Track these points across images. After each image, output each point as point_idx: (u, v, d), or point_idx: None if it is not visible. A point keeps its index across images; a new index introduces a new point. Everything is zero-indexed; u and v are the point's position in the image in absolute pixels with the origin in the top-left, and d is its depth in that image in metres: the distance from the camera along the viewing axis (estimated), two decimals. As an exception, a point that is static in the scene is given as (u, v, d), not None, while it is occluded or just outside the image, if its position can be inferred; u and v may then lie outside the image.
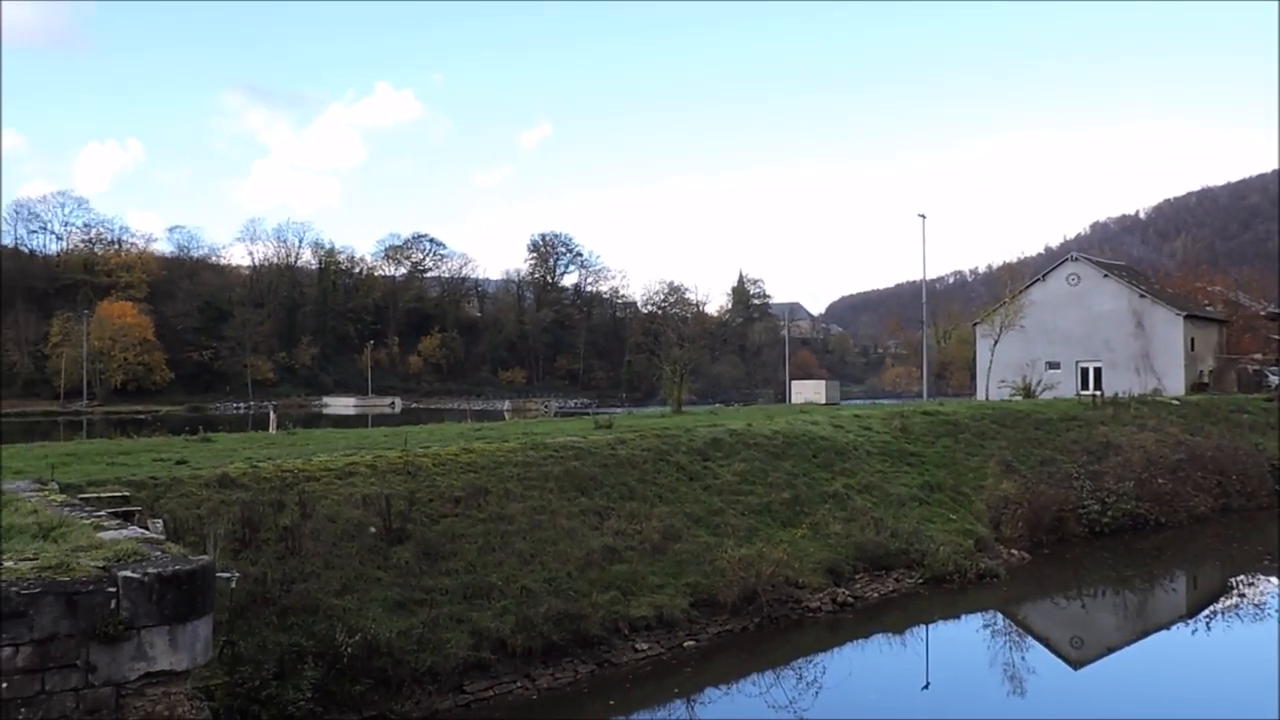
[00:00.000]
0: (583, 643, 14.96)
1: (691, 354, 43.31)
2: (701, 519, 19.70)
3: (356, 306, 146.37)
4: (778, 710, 13.85)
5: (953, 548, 21.78)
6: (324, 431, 29.95)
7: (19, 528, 8.92)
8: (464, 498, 17.42)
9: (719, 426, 25.87)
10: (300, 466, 17.18)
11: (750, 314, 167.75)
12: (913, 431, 29.37)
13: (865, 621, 18.26)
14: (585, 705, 13.69)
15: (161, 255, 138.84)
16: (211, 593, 7.84)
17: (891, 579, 20.37)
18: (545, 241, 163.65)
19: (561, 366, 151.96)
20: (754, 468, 22.83)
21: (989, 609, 20.24)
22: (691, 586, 17.21)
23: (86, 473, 15.55)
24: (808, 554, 19.58)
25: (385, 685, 12.64)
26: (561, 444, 21.13)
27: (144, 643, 7.30)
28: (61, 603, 6.93)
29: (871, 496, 23.43)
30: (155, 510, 13.91)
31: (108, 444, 23.38)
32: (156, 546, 8.41)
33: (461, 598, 14.66)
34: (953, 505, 24.90)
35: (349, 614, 13.27)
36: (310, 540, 14.70)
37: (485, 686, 13.60)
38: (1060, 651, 18.02)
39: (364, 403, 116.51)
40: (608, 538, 17.58)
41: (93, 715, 7.03)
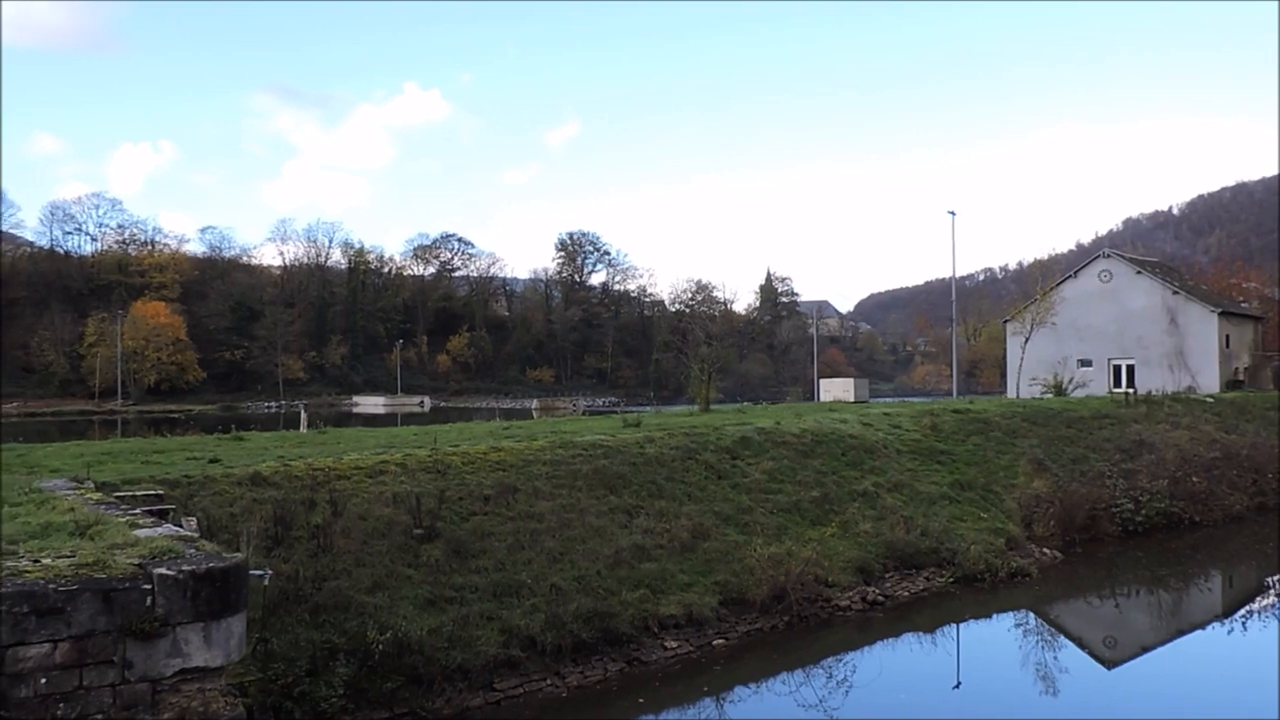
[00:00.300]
0: (612, 641, 14.98)
1: (719, 352, 43.25)
2: (730, 517, 19.67)
3: (386, 306, 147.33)
4: (808, 709, 13.81)
5: (984, 546, 21.62)
6: (354, 430, 30.15)
7: (56, 525, 9.03)
8: (493, 496, 17.49)
9: (747, 425, 25.81)
10: (331, 465, 17.30)
11: (778, 312, 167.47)
12: (943, 429, 29.19)
13: (896, 620, 18.16)
14: (615, 703, 13.70)
15: (194, 256, 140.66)
16: (245, 590, 7.90)
17: (922, 578, 20.25)
18: (573, 240, 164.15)
19: (589, 365, 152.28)
20: (783, 466, 22.76)
21: (1021, 608, 20.07)
22: (720, 585, 17.18)
23: (121, 471, 15.73)
24: (837, 552, 19.50)
25: (416, 682, 12.71)
26: (590, 442, 21.15)
27: (179, 639, 7.37)
28: (99, 599, 7.01)
29: (901, 495, 23.30)
30: (189, 508, 14.05)
31: (142, 443, 23.67)
32: (191, 544, 8.49)
33: (491, 595, 14.72)
34: (983, 504, 24.72)
35: (380, 611, 13.35)
36: (341, 538, 14.80)
37: (515, 684, 13.64)
38: (1094, 651, 17.84)
39: (393, 402, 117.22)
40: (637, 536, 17.59)
41: (129, 711, 7.11)
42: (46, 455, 18.62)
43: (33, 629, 6.72)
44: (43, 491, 11.82)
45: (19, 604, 6.68)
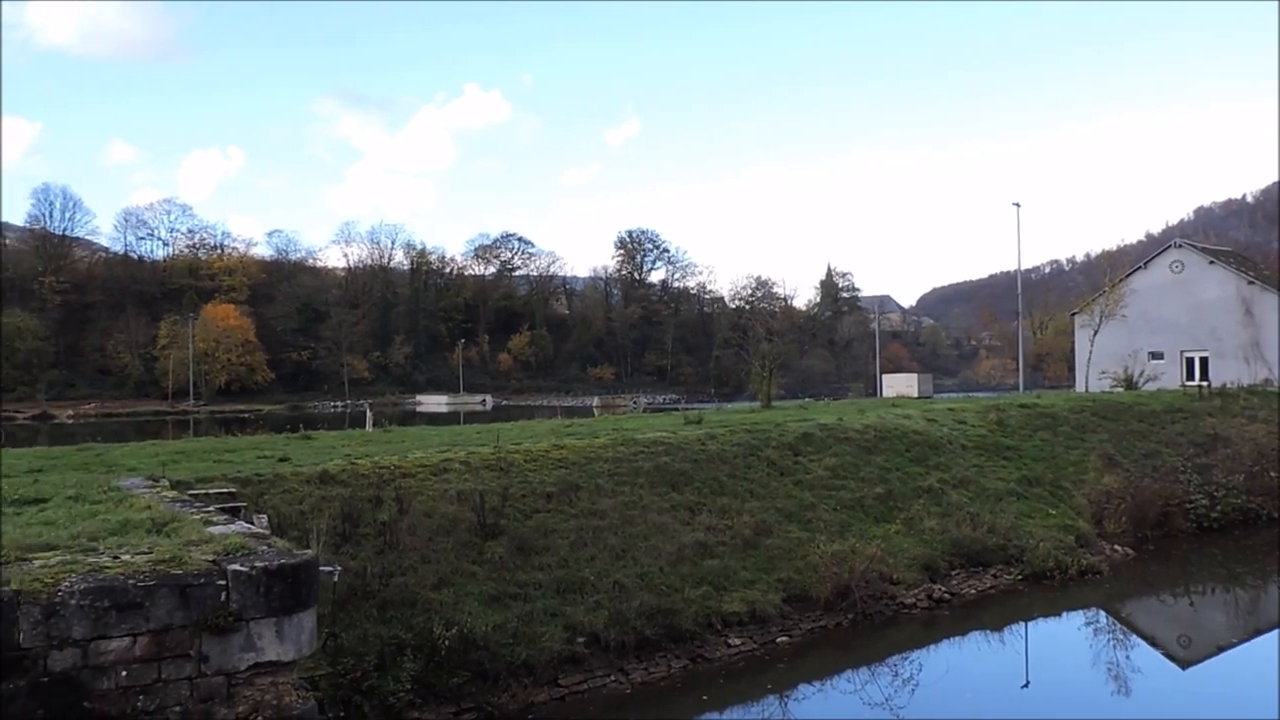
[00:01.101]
0: (675, 637, 14.99)
1: (780, 348, 43.09)
2: (793, 514, 19.57)
3: (448, 306, 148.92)
4: (873, 707, 13.69)
5: (1053, 543, 21.24)
6: (418, 429, 30.53)
7: (134, 522, 9.28)
8: (556, 493, 17.60)
9: (809, 421, 25.65)
10: (397, 463, 17.55)
11: (839, 307, 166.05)
12: (1009, 425, 28.74)
13: (962, 618, 17.92)
14: (678, 700, 13.71)
15: (261, 259, 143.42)
16: (315, 586, 8.06)
17: (989, 575, 19.96)
18: (632, 238, 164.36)
19: (649, 363, 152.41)
20: (845, 462, 22.58)
21: (1091, 606, 19.68)
22: (784, 582, 17.11)
23: (195, 470, 16.12)
24: (902, 550, 19.30)
25: (482, 678, 12.84)
26: (651, 440, 21.19)
27: (253, 634, 7.53)
28: (175, 595, 7.20)
29: (967, 491, 22.99)
30: (260, 506, 14.36)
31: (214, 442, 24.20)
32: (263, 541, 8.67)
33: (555, 592, 14.82)
34: (1052, 500, 24.28)
35: (446, 607, 13.51)
36: (407, 535, 15.00)
37: (579, 680, 13.72)
38: (1167, 650, 17.44)
39: (456, 400, 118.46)
40: (699, 533, 17.58)
41: (206, 704, 7.29)
42: (123, 455, 19.13)
43: (113, 623, 6.92)
44: (121, 490, 12.16)
45: (100, 598, 6.88)
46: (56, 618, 6.72)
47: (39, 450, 22.81)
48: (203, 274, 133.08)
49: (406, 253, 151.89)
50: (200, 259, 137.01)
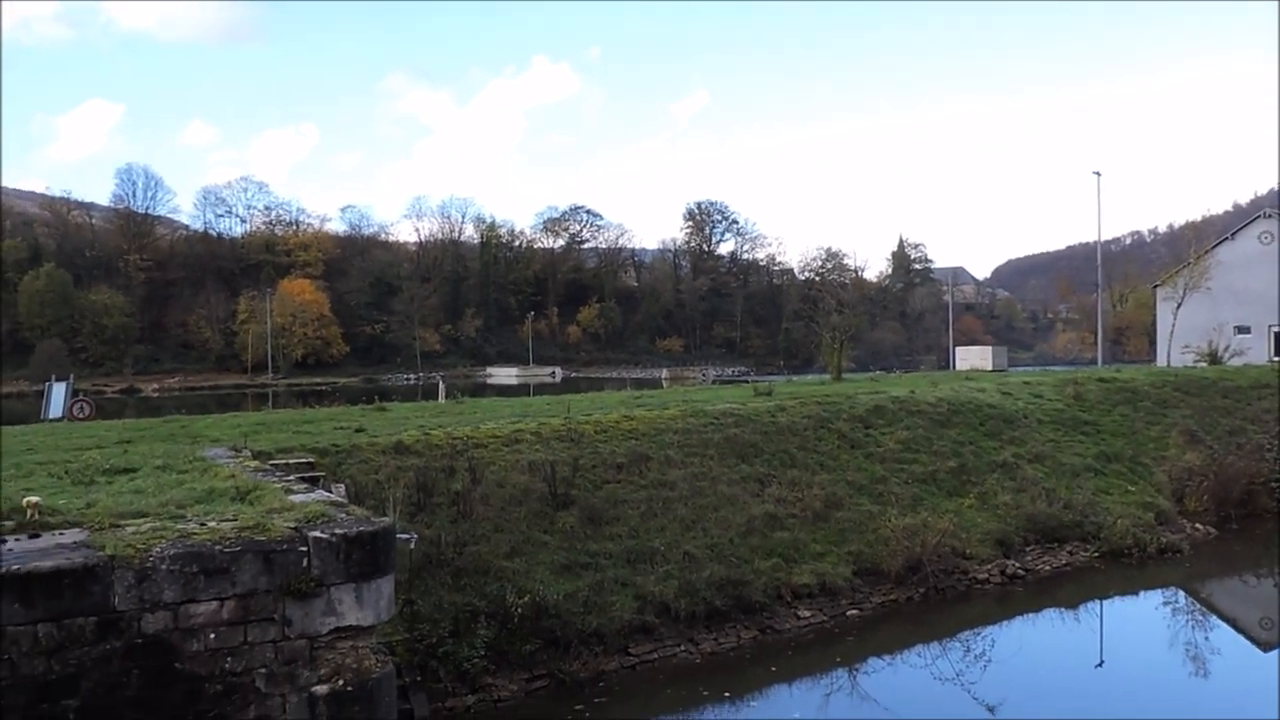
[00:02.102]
0: (745, 608, 15.05)
1: (851, 320, 42.57)
2: (864, 487, 19.44)
3: (517, 279, 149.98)
4: (944, 682, 13.61)
5: (1131, 520, 20.79)
6: (489, 400, 30.89)
7: (219, 491, 9.58)
8: (626, 464, 17.71)
9: (881, 393, 25.40)
10: (469, 434, 17.80)
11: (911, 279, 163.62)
12: (1087, 399, 28.13)
13: (1036, 595, 17.68)
14: (748, 670, 13.78)
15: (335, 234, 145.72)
16: (393, 553, 8.24)
17: (1064, 552, 19.63)
18: (701, 210, 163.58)
19: (718, 335, 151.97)
20: (918, 435, 22.34)
21: (1170, 586, 19.26)
22: (854, 555, 17.05)
23: (275, 440, 16.53)
24: (975, 524, 19.09)
25: (554, 645, 13.04)
26: (721, 411, 21.18)
27: (333, 599, 7.74)
28: (260, 560, 7.43)
29: (1043, 466, 22.60)
30: (338, 475, 14.70)
31: (292, 414, 24.78)
32: (342, 509, 8.88)
33: (625, 562, 14.96)
34: (1131, 476, 23.75)
35: (518, 576, 13.73)
36: (480, 505, 15.25)
37: (649, 649, 13.86)
38: (1248, 633, 16.99)
39: (526, 372, 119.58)
40: (769, 505, 17.58)
41: (289, 666, 7.52)
42: (206, 426, 19.69)
43: (201, 587, 7.17)
44: (205, 459, 12.54)
45: (189, 564, 7.13)
46: (148, 582, 6.98)
47: (127, 422, 23.64)
48: (279, 250, 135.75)
49: (476, 226, 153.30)
50: (276, 235, 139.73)
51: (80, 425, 22.68)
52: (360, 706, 7.74)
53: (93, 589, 6.75)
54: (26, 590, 6.53)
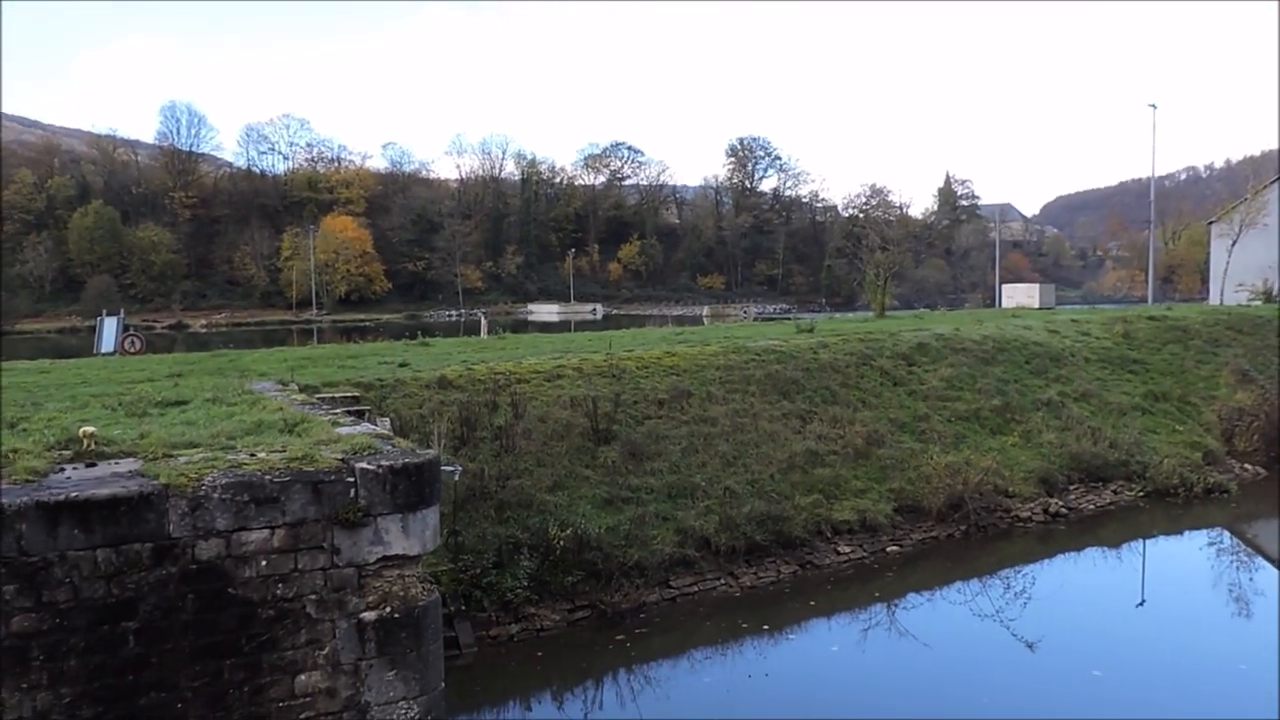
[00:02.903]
0: (785, 544, 15.15)
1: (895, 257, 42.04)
2: (906, 425, 19.37)
3: (558, 216, 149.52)
4: (983, 619, 13.65)
5: (1178, 460, 20.58)
6: (531, 336, 31.04)
7: (268, 423, 9.73)
8: (667, 400, 17.77)
9: (924, 331, 25.19)
10: (511, 369, 17.92)
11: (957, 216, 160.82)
12: (1136, 337, 27.70)
13: (1078, 533, 17.61)
14: (786, 604, 13.91)
15: (376, 171, 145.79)
16: (438, 484, 8.35)
17: (1109, 491, 19.50)
18: (743, 145, 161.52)
19: (760, 272, 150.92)
20: (961, 373, 22.16)
21: (1215, 526, 19.09)
22: (895, 492, 17.06)
23: (320, 375, 16.74)
24: (1018, 462, 18.99)
25: (595, 578, 13.23)
26: (763, 348, 21.12)
27: (380, 529, 7.88)
28: (309, 490, 7.56)
29: (1089, 405, 22.36)
30: (382, 409, 14.89)
31: (337, 349, 25.09)
32: (387, 441, 9.00)
33: (666, 497, 15.08)
34: (1179, 416, 23.43)
35: (560, 510, 13.90)
36: (522, 439, 15.39)
37: (690, 582, 14.02)
38: (1296, 573, 16.85)
39: (567, 309, 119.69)
40: (810, 441, 17.58)
41: (339, 593, 7.69)
42: (254, 361, 19.98)
43: (252, 516, 7.32)
44: (254, 393, 12.73)
45: (240, 493, 7.28)
46: (201, 510, 7.14)
47: (177, 356, 24.09)
48: (321, 187, 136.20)
49: (517, 163, 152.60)
50: (319, 172, 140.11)
51: (131, 359, 23.11)
52: (407, 633, 7.92)
53: (148, 516, 6.92)
54: (85, 517, 6.71)
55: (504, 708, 10.91)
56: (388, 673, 7.86)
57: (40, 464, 7.45)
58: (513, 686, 11.39)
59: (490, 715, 10.71)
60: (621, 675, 11.61)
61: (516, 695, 11.21)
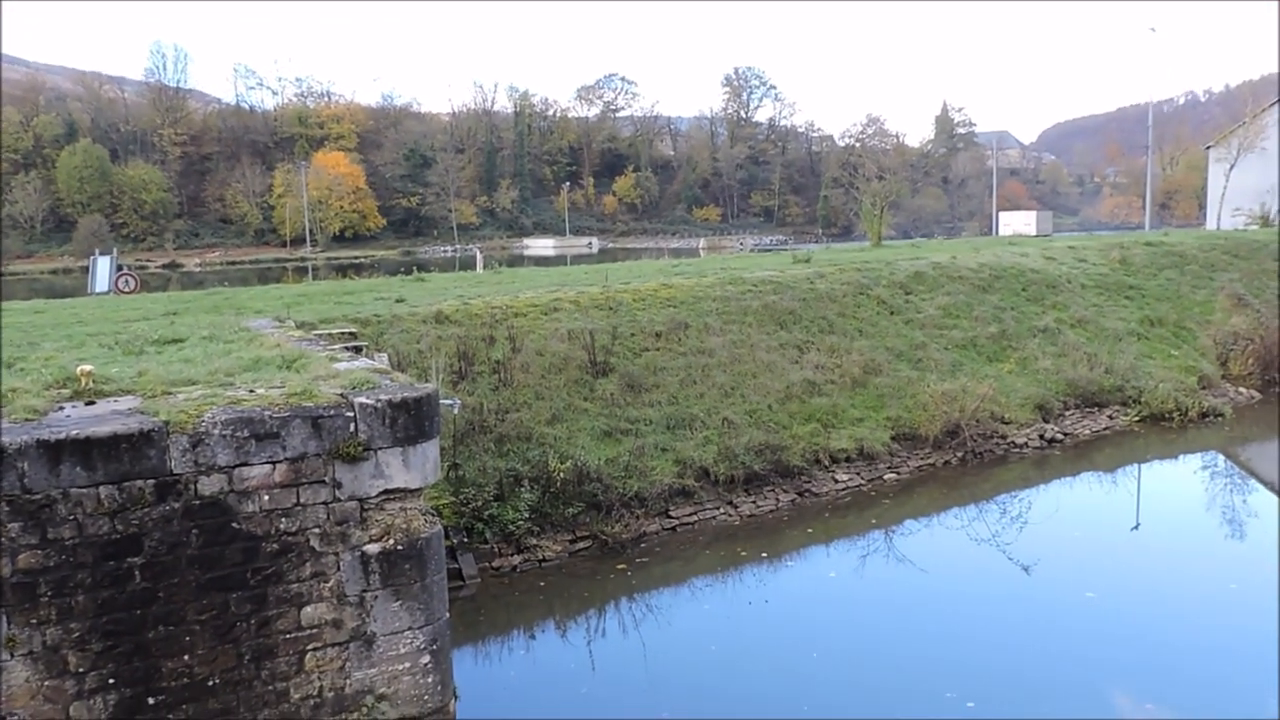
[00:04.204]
0: (783, 473, 15.27)
1: (891, 186, 41.84)
2: (903, 353, 19.41)
3: (552, 149, 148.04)
4: (979, 543, 13.82)
5: (1173, 385, 20.68)
6: (527, 270, 30.95)
7: (265, 360, 9.72)
8: (664, 332, 17.77)
9: (921, 259, 25.11)
10: (508, 303, 17.89)
11: (954, 144, 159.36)
12: (1132, 263, 27.67)
13: (1074, 459, 17.76)
14: (785, 532, 14.06)
15: (367, 107, 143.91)
16: (437, 418, 8.38)
17: (1104, 416, 19.62)
18: (738, 75, 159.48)
19: (756, 203, 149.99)
20: (958, 301, 22.16)
21: (1210, 449, 19.25)
22: (892, 420, 17.15)
23: (317, 311, 16.70)
24: (1014, 389, 19.07)
25: (595, 509, 13.35)
26: (759, 279, 21.07)
27: (381, 463, 7.92)
28: (308, 425, 7.58)
29: (1085, 331, 22.40)
30: (380, 345, 14.89)
31: (333, 285, 25.01)
32: (385, 376, 9.01)
33: (664, 428, 15.16)
34: (1175, 341, 23.50)
35: (559, 442, 13.98)
36: (520, 373, 15.43)
37: (689, 512, 14.16)
38: (1288, 494, 17.02)
39: (562, 243, 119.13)
40: (807, 371, 17.63)
41: (342, 526, 7.76)
42: (249, 298, 19.92)
43: (253, 451, 7.35)
44: (250, 330, 12.71)
45: (240, 429, 7.30)
46: (202, 446, 7.17)
47: (172, 295, 24.01)
48: (312, 122, 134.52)
49: (509, 96, 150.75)
50: (309, 108, 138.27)
51: (126, 298, 23.04)
52: (410, 564, 8.01)
53: (149, 453, 6.95)
54: (87, 454, 6.74)
55: (508, 636, 11.08)
56: (393, 603, 7.97)
57: (39, 403, 7.45)
58: (516, 616, 11.56)
59: (495, 644, 10.87)
60: (623, 604, 11.78)
61: (520, 624, 11.38)
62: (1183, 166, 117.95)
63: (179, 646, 7.11)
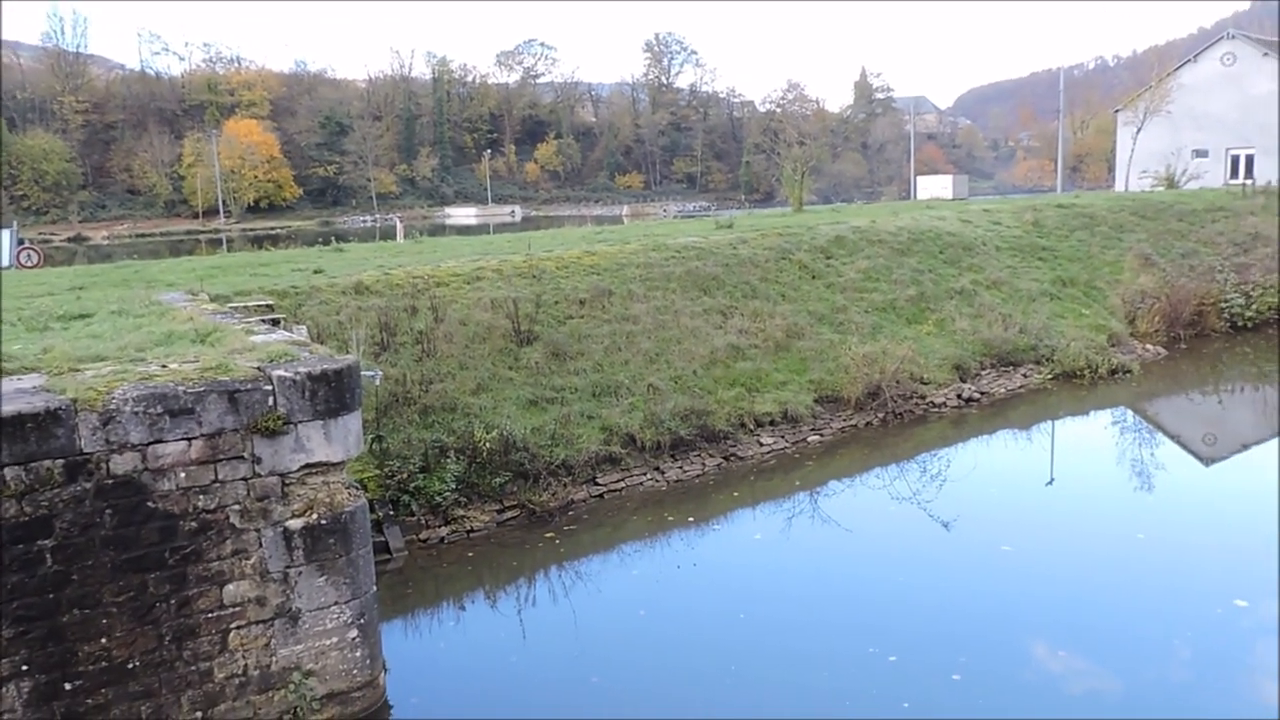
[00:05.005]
0: (709, 437, 15.40)
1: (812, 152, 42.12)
2: (825, 316, 19.67)
3: (472, 116, 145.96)
4: (900, 501, 14.12)
5: (1084, 343, 21.30)
6: (449, 240, 30.54)
7: (178, 334, 9.47)
8: (589, 300, 17.73)
9: (841, 224, 25.40)
10: (430, 273, 17.66)
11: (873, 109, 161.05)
12: (1045, 225, 28.34)
13: (990, 417, 18.22)
14: (711, 496, 14.20)
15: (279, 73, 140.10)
16: (359, 390, 8.26)
17: (1019, 375, 20.14)
18: (659, 41, 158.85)
19: (679, 170, 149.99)
20: (878, 265, 22.49)
21: (1119, 405, 19.89)
22: (815, 383, 17.38)
23: (232, 284, 16.30)
24: (933, 350, 19.46)
25: (523, 478, 13.32)
26: (683, 245, 21.12)
27: (301, 436, 7.80)
28: (225, 400, 7.42)
29: (1000, 292, 22.91)
30: (298, 317, 14.60)
31: (248, 257, 24.41)
32: (304, 348, 8.85)
33: (590, 395, 15.16)
34: (1086, 300, 24.19)
35: (485, 412, 13.90)
36: (444, 343, 15.27)
37: (617, 479, 14.21)
38: (1191, 448, 17.66)
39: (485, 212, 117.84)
40: (731, 336, 17.76)
41: (263, 502, 7.63)
42: (160, 271, 19.37)
43: (168, 428, 7.17)
44: (162, 304, 12.35)
45: (153, 405, 7.11)
46: (113, 424, 6.97)
47: (78, 269, 23.20)
48: (222, 89, 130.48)
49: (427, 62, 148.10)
50: (218, 74, 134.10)
51: (29, 273, 22.20)
52: (335, 539, 7.92)
53: (57, 432, 6.74)
54: (-10, 435, 6.51)
55: (437, 608, 11.03)
56: (318, 579, 7.88)
57: (-62, 383, 7.18)
58: (445, 587, 11.51)
59: (424, 616, 10.82)
60: (553, 571, 11.80)
61: (449, 595, 11.34)
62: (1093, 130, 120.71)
63: (96, 630, 6.94)
